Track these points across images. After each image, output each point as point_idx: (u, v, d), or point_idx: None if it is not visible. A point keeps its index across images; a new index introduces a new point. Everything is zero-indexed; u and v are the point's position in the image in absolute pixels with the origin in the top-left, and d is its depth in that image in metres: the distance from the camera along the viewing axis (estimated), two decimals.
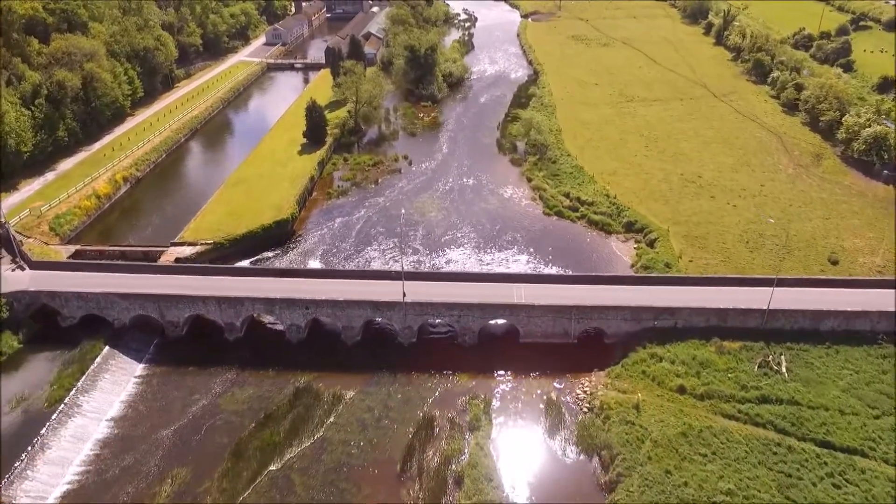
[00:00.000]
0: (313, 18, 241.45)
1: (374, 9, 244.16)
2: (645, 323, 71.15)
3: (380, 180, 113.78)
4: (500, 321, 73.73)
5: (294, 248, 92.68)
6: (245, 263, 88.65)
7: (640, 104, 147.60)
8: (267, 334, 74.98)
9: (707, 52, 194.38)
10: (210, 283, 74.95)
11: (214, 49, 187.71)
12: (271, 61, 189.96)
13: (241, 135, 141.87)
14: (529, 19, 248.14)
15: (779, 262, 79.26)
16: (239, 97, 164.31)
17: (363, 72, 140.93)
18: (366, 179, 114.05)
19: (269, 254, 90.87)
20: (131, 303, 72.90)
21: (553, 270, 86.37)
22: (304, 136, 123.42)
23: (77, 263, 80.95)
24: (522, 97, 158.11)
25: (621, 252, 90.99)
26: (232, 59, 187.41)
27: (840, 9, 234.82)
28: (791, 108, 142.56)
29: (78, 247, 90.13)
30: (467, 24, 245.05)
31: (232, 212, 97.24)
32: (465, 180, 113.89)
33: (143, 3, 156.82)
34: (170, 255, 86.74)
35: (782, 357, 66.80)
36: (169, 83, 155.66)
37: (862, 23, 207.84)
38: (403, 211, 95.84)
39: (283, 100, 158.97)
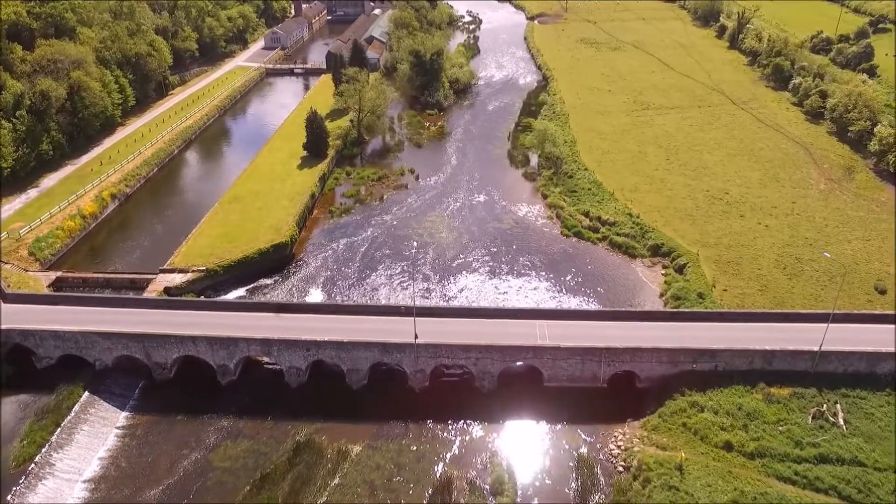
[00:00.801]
0: (313, 21, 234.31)
1: (377, 11, 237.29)
2: (682, 366, 64.19)
3: (385, 196, 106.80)
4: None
5: (294, 274, 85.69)
6: (240, 292, 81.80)
7: (656, 112, 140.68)
8: (264, 376, 67.95)
9: (722, 57, 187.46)
10: (201, 320, 68.07)
11: (211, 54, 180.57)
12: (270, 66, 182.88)
13: (237, 146, 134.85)
14: (536, 21, 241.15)
15: (834, 297, 72.15)
16: (236, 105, 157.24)
17: (366, 79, 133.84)
18: (370, 196, 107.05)
19: (267, 281, 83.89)
20: (114, 342, 65.93)
21: (576, 301, 79.47)
22: (305, 149, 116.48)
23: (55, 296, 73.82)
24: (532, 105, 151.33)
25: (648, 279, 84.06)
26: (229, 65, 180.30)
27: (856, 10, 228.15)
28: (815, 116, 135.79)
29: (59, 273, 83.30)
30: (472, 27, 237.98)
31: (226, 234, 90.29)
32: (475, 196, 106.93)
33: (135, 6, 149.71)
34: (158, 284, 79.82)
35: (838, 406, 59.88)
36: (163, 90, 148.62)
37: (881, 25, 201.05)
38: (416, 244, 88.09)
39: (283, 107, 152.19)
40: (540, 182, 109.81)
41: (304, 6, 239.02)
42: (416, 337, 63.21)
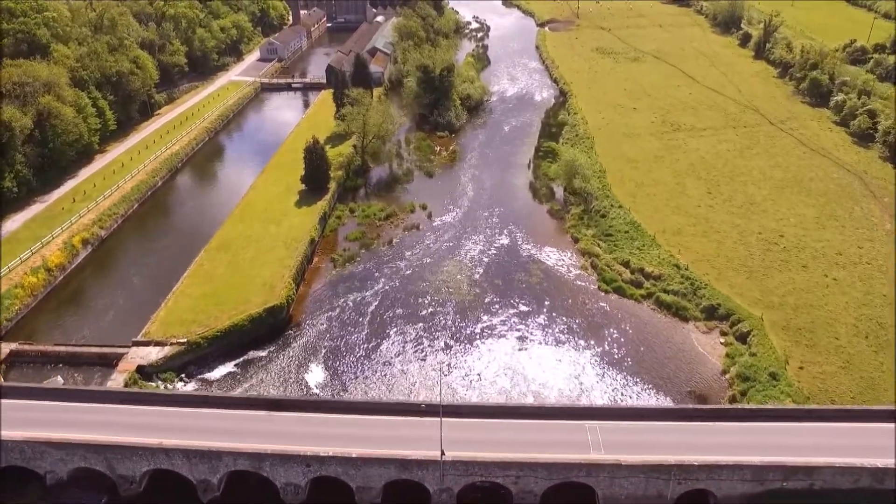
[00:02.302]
0: (313, 29, 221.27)
1: (379, 18, 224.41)
2: (770, 484, 51.96)
3: (394, 239, 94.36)
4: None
5: (291, 343, 73.26)
6: (229, 368, 69.49)
7: (688, 134, 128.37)
8: (255, 492, 55.41)
9: (748, 68, 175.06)
10: (175, 420, 55.72)
11: (202, 67, 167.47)
12: (265, 81, 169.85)
13: (229, 175, 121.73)
14: (546, 28, 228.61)
15: None
16: (229, 125, 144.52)
17: (370, 101, 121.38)
18: (377, 238, 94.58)
19: (260, 353, 71.52)
20: (69, 453, 53.67)
21: (623, 379, 67.16)
22: (303, 182, 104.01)
23: None
24: (552, 124, 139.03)
25: (705, 349, 71.71)
26: (221, 79, 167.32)
27: (886, 15, 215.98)
28: (863, 138, 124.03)
29: (15, 345, 70.97)
30: (480, 35, 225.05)
31: (212, 293, 77.97)
32: (497, 238, 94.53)
33: (118, 18, 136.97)
34: (131, 361, 67.57)
35: None
36: (148, 111, 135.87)
37: None
38: (443, 344, 73.26)
39: (281, 127, 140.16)
40: (569, 221, 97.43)
41: (302, 13, 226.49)
42: (442, 453, 50.88)
